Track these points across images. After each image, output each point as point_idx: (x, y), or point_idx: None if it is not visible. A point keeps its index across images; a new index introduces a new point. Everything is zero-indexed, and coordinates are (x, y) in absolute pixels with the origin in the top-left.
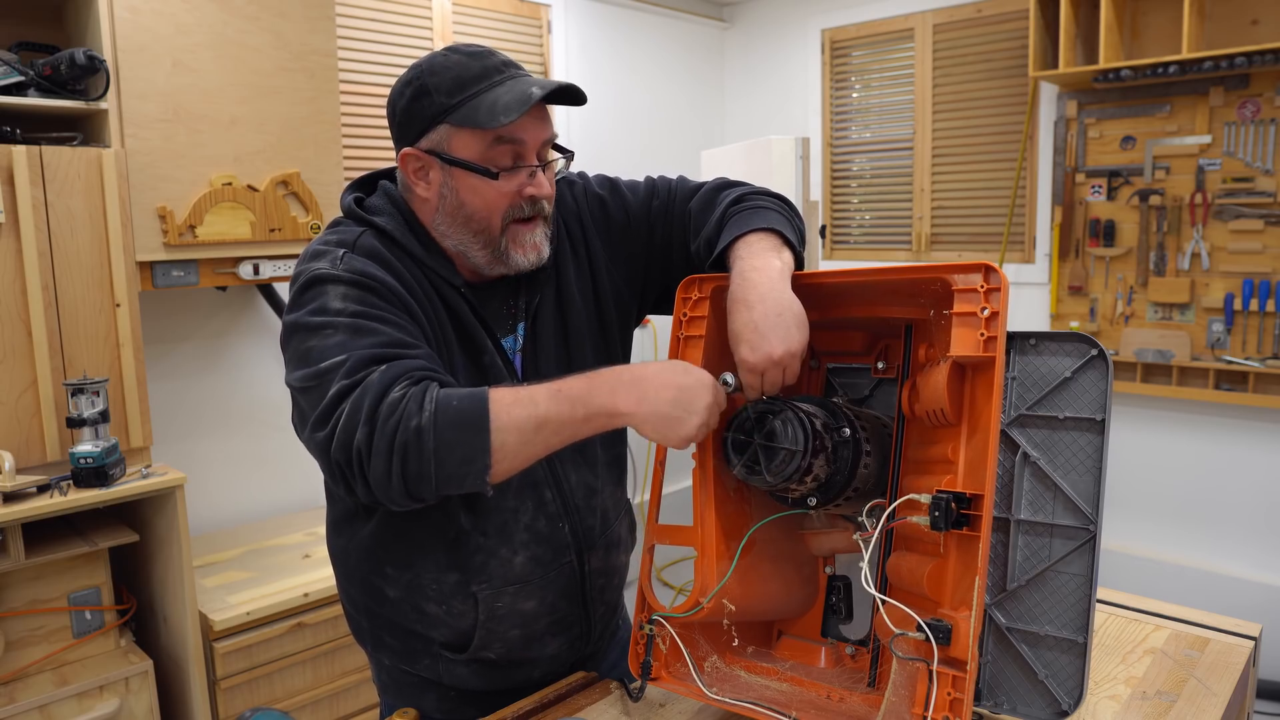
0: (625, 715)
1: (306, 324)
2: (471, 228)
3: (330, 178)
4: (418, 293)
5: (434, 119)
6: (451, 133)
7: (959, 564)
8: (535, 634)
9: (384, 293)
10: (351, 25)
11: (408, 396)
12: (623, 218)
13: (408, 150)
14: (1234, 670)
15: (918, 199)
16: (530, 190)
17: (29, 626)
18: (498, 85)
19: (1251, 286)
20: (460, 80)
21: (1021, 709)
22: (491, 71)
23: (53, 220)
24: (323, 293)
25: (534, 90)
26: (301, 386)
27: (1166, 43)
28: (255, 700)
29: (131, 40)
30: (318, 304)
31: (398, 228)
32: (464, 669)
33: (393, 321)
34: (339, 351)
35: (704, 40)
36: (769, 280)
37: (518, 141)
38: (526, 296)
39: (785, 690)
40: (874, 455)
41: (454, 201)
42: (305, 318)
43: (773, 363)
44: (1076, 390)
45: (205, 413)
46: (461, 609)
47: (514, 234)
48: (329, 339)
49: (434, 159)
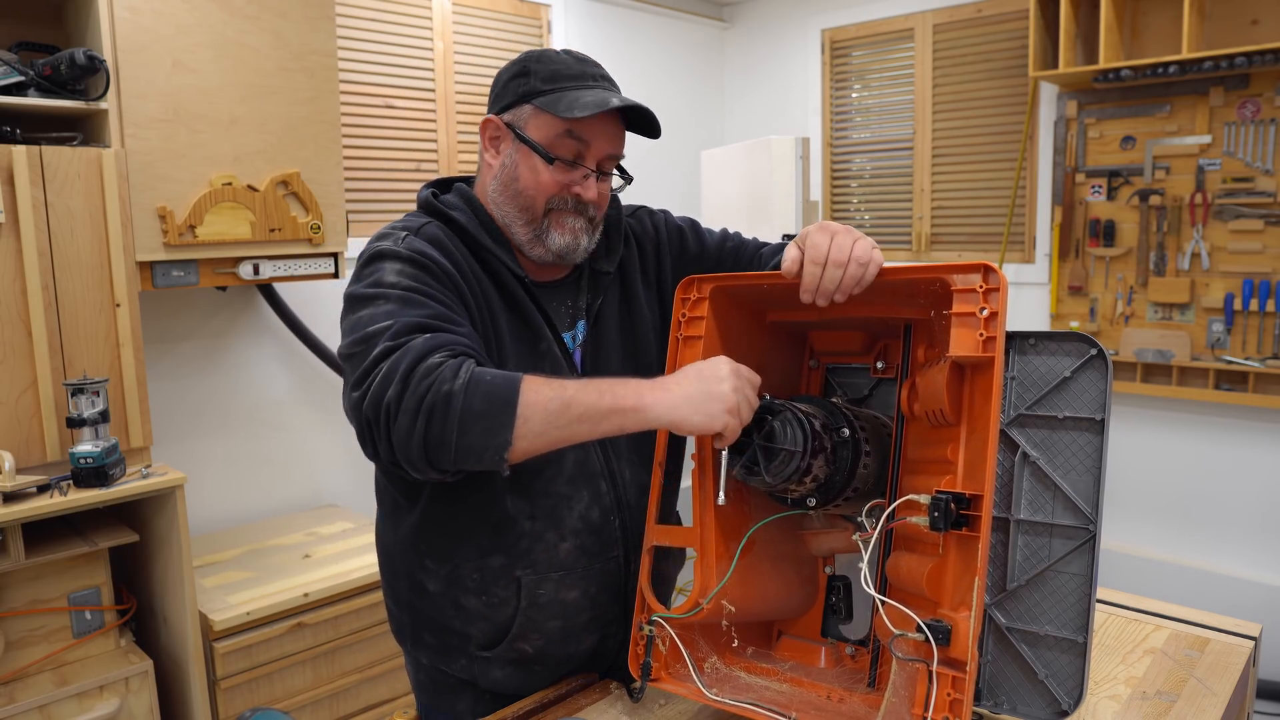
0: (625, 715)
1: (361, 294)
2: (518, 202)
3: (330, 178)
4: (474, 282)
5: (523, 97)
6: (532, 114)
7: (958, 564)
8: (574, 628)
9: (438, 273)
10: (351, 25)
11: (444, 364)
12: (697, 249)
13: (490, 117)
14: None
15: (918, 199)
16: (577, 189)
17: (29, 626)
18: (587, 88)
19: (1251, 286)
20: (557, 73)
21: (1021, 709)
22: (588, 77)
23: (53, 220)
24: (380, 268)
25: (613, 99)
26: (348, 352)
27: (1166, 43)
28: (255, 700)
29: (131, 40)
30: (374, 277)
31: (469, 219)
32: (499, 670)
33: (443, 300)
34: (386, 319)
35: (704, 40)
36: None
37: (583, 141)
38: (589, 298)
39: (785, 691)
40: (873, 455)
41: (511, 173)
42: (361, 289)
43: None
44: (1076, 390)
45: (205, 413)
46: (503, 595)
47: (556, 218)
48: (379, 307)
49: (509, 131)
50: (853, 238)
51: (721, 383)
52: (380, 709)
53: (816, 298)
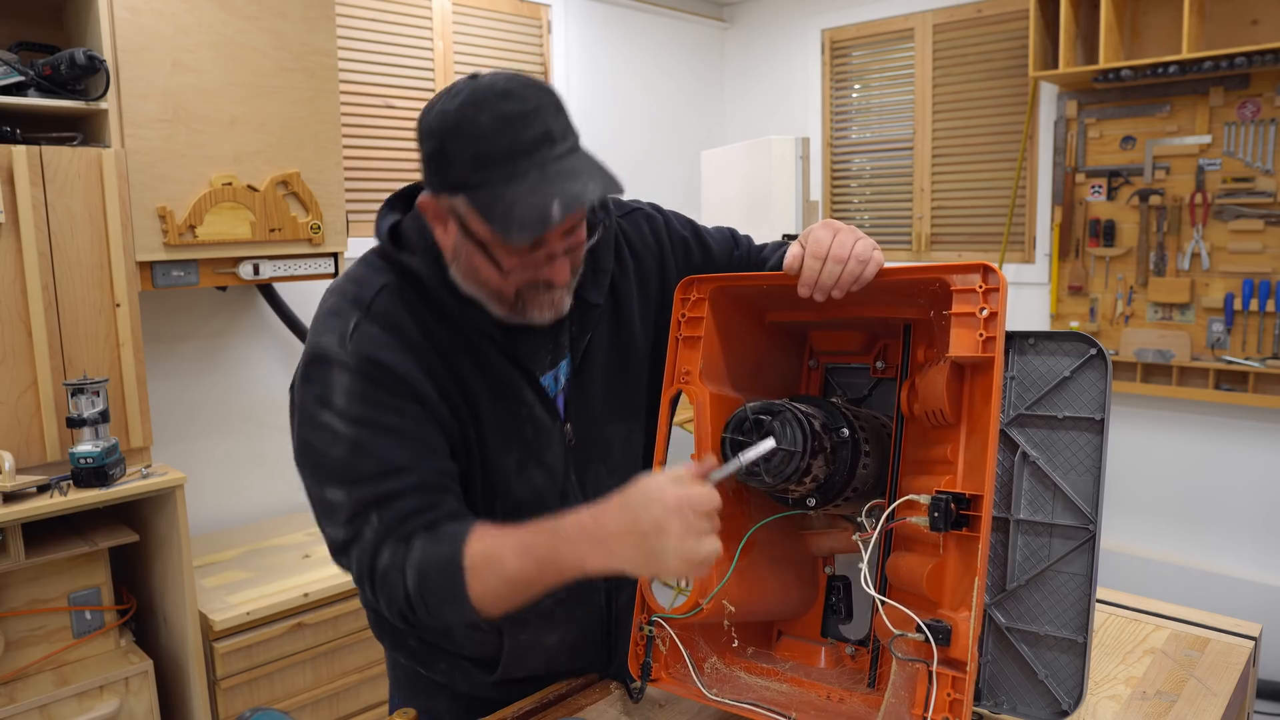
0: (625, 715)
1: (310, 414)
2: (484, 291)
3: (330, 178)
4: (436, 362)
5: (453, 188)
6: (468, 209)
7: (958, 564)
8: (558, 662)
9: (390, 383)
10: (351, 25)
11: (393, 564)
12: (702, 260)
13: (425, 200)
14: (1234, 670)
15: (918, 199)
16: (545, 275)
17: (29, 626)
18: (520, 179)
19: (1251, 286)
20: (480, 158)
21: (1021, 709)
22: (518, 154)
23: (53, 220)
24: (328, 377)
25: (554, 210)
26: (309, 495)
27: (1166, 43)
28: (255, 700)
29: (131, 40)
30: (322, 391)
31: (429, 270)
32: (482, 680)
33: (393, 430)
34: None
35: (704, 40)
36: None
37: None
38: (575, 331)
39: (785, 691)
40: (873, 455)
41: (468, 264)
42: (310, 405)
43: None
44: (1075, 390)
45: (205, 413)
46: (485, 637)
47: (530, 297)
48: (330, 449)
49: (454, 220)
50: (855, 236)
51: (662, 536)
52: (380, 709)
53: (814, 292)
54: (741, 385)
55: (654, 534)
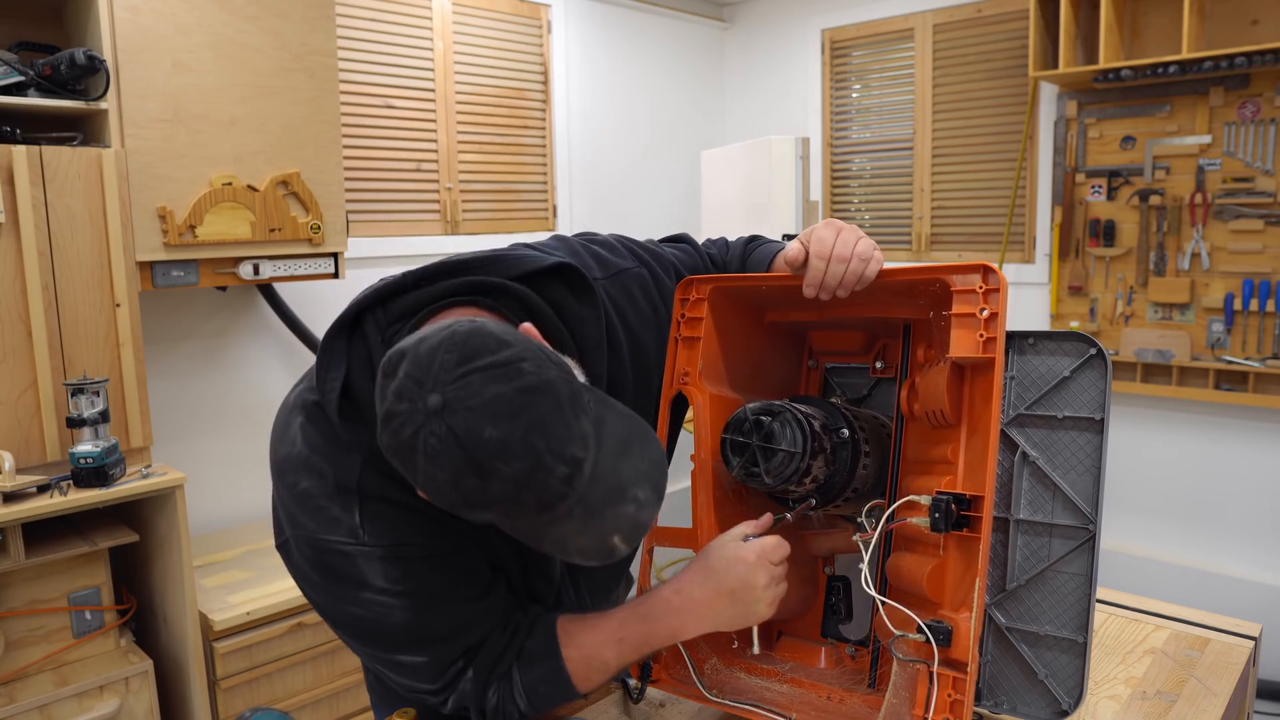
0: (625, 716)
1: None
2: None
3: (330, 178)
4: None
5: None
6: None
7: (959, 565)
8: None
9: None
10: (351, 25)
11: (502, 698)
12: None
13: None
14: (1234, 670)
15: (918, 199)
16: None
17: (29, 626)
18: (564, 521)
19: (1251, 286)
20: (507, 513)
21: (1021, 709)
22: (552, 503)
23: (53, 220)
24: (355, 570)
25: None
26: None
27: (1166, 43)
28: (255, 700)
29: (131, 40)
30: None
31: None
32: None
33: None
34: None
35: (704, 40)
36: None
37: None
38: None
39: (785, 691)
40: (873, 456)
41: None
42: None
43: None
44: (1075, 390)
45: (205, 413)
46: None
47: None
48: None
49: None
50: (856, 235)
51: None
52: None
53: (820, 292)
54: (741, 386)
55: (742, 590)
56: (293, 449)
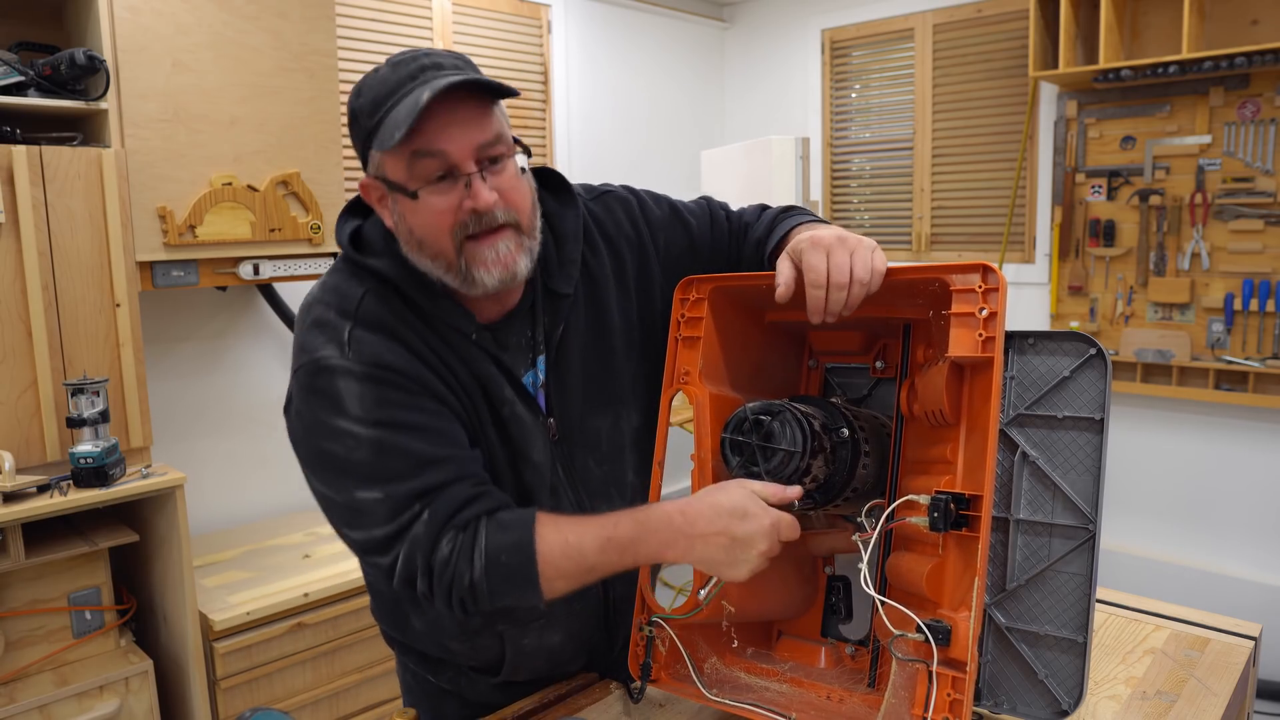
0: (625, 715)
1: (323, 423)
2: (429, 253)
3: (330, 178)
4: (432, 357)
5: (364, 144)
6: (381, 156)
7: (958, 564)
8: (561, 661)
9: (402, 382)
10: (351, 25)
11: (456, 551)
12: (684, 240)
13: (363, 180)
14: (1234, 670)
15: (918, 199)
16: (468, 204)
17: (29, 626)
18: (404, 97)
19: (1251, 286)
20: (377, 98)
21: (1021, 709)
22: (405, 81)
23: (53, 220)
24: (334, 387)
25: (424, 95)
26: (327, 501)
27: (1166, 43)
28: (255, 700)
29: (131, 40)
30: (330, 401)
31: (398, 272)
32: (487, 686)
33: (417, 426)
34: (369, 480)
35: (704, 40)
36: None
37: (436, 153)
38: (547, 325)
39: (785, 691)
40: (873, 455)
41: (405, 227)
42: (320, 414)
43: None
44: (1075, 390)
45: (205, 413)
46: (487, 644)
47: (471, 252)
48: (353, 453)
49: (381, 185)
50: (848, 250)
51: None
52: (380, 709)
53: (826, 318)
54: (741, 385)
55: (743, 544)
56: (314, 292)
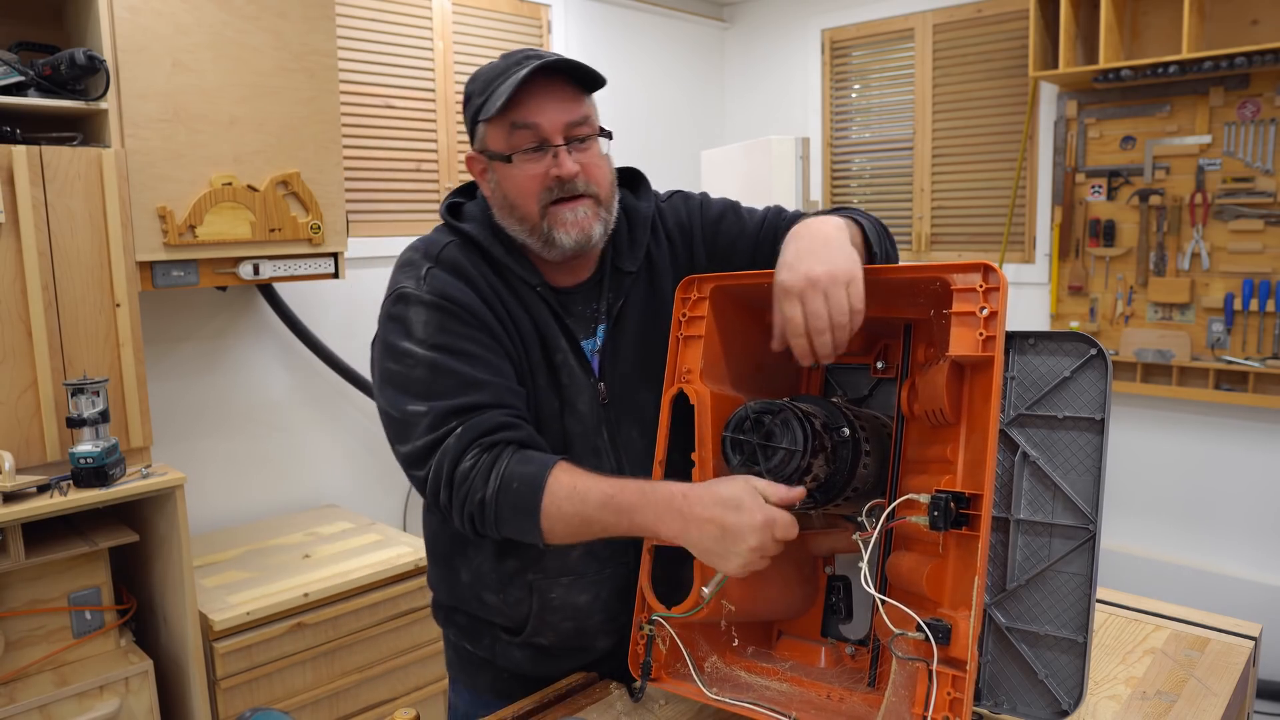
0: (625, 715)
1: (392, 345)
2: (517, 215)
3: (330, 178)
4: (496, 303)
5: (474, 120)
6: (486, 129)
7: (958, 564)
8: (587, 629)
9: (463, 315)
10: (351, 25)
11: (477, 468)
12: (735, 232)
13: (469, 154)
14: (1234, 670)
15: (918, 199)
16: (554, 171)
17: (29, 626)
18: (510, 76)
19: (1251, 286)
20: (488, 79)
21: (1021, 709)
22: (512, 66)
23: (53, 220)
24: (406, 313)
25: (523, 72)
26: (387, 418)
27: (1166, 43)
28: (255, 700)
29: (131, 40)
30: (402, 325)
31: (483, 234)
32: (519, 652)
33: (469, 353)
34: (420, 396)
35: (704, 40)
36: (823, 224)
37: (530, 125)
38: (610, 298)
39: (785, 690)
40: (873, 455)
41: (500, 193)
42: (391, 338)
43: (810, 282)
44: (1076, 390)
45: (205, 413)
46: (518, 596)
47: (554, 215)
48: (411, 371)
49: (484, 157)
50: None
51: (739, 540)
52: (380, 709)
53: (818, 361)
54: (742, 385)
55: (734, 535)
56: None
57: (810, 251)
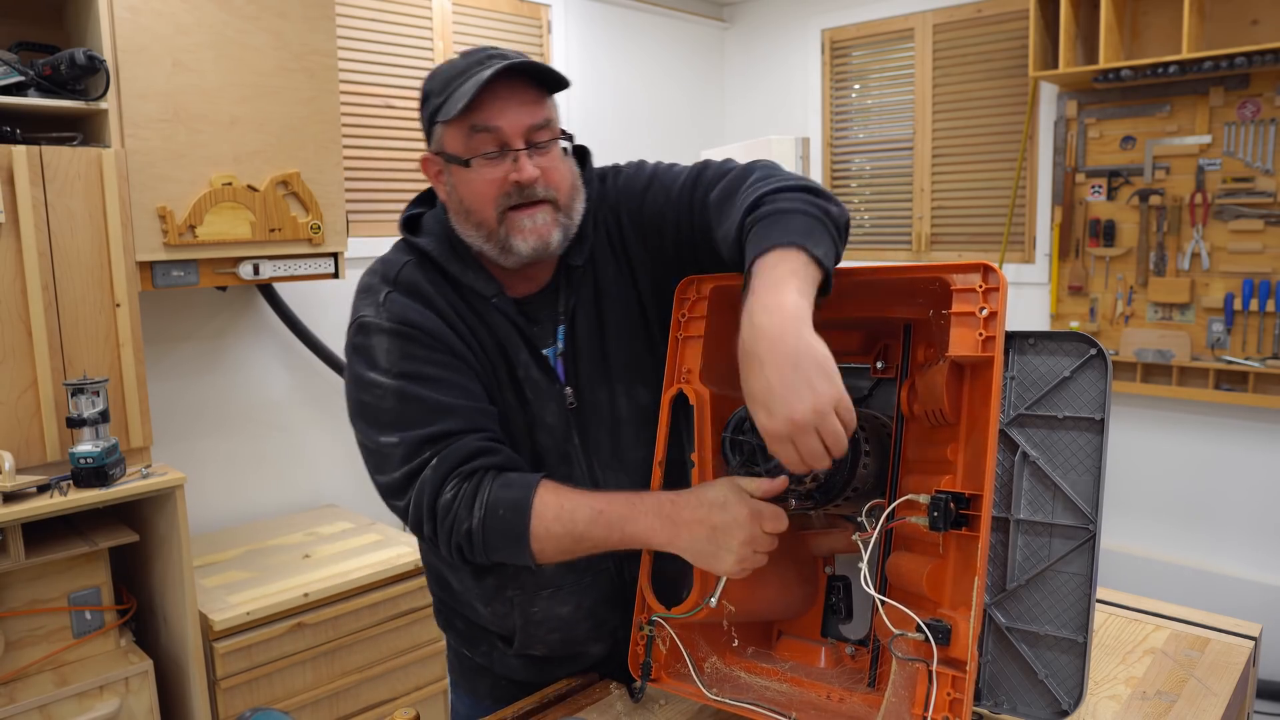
0: (625, 715)
1: (359, 376)
2: (473, 220)
3: (330, 178)
4: (458, 321)
5: (431, 120)
6: (443, 130)
7: (958, 564)
8: (575, 638)
9: (423, 339)
10: (351, 25)
11: (459, 499)
12: (659, 202)
13: (424, 155)
14: (1234, 670)
15: (918, 199)
16: (514, 176)
17: (29, 626)
18: (471, 77)
19: (1251, 286)
20: (447, 78)
21: (1021, 709)
22: (473, 65)
23: (53, 220)
24: (369, 342)
25: (486, 73)
26: (364, 449)
27: (1166, 43)
28: (255, 700)
29: (131, 40)
30: (367, 356)
31: (439, 248)
32: (515, 660)
33: (434, 378)
34: (391, 426)
35: (704, 40)
36: (781, 323)
37: (492, 129)
38: (565, 300)
39: (785, 691)
40: (873, 455)
41: (456, 197)
42: (358, 369)
43: (796, 425)
44: (1075, 390)
45: (205, 413)
46: (503, 611)
47: (511, 221)
48: (380, 402)
49: (440, 159)
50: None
51: (728, 537)
52: (380, 709)
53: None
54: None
55: (722, 533)
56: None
57: (782, 383)
